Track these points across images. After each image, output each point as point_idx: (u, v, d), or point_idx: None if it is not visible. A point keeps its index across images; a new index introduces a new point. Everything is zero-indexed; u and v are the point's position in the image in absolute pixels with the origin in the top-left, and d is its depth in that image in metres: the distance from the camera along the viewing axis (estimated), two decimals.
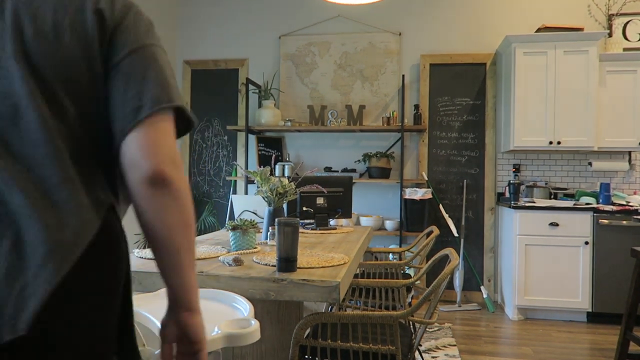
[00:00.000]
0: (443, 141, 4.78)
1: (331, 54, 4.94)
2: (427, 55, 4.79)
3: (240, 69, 5.10)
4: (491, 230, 4.67)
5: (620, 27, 4.44)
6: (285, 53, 5.01)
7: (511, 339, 3.63)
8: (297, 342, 1.72)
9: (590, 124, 4.18)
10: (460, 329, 3.86)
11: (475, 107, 4.73)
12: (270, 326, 1.99)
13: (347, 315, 1.73)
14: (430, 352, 3.28)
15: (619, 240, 3.96)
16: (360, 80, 4.90)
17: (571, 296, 4.02)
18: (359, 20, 4.90)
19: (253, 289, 1.58)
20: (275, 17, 5.05)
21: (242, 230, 2.05)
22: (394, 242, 4.74)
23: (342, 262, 1.83)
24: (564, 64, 4.20)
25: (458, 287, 4.49)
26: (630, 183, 4.52)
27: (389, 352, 1.72)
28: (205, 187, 5.19)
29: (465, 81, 4.75)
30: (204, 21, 5.19)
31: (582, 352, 3.37)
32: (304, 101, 4.96)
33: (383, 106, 4.86)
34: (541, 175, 4.62)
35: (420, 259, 3.07)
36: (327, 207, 3.03)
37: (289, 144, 5.06)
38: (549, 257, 4.04)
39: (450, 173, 4.76)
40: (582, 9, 4.58)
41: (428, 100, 4.79)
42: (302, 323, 1.72)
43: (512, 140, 4.26)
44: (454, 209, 4.74)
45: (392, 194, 4.85)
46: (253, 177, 2.42)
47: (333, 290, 1.53)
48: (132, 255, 1.98)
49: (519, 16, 4.67)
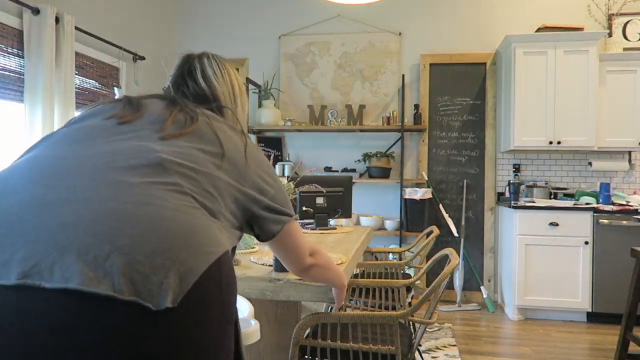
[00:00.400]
0: (443, 141, 4.78)
1: (331, 53, 4.94)
2: (427, 55, 4.79)
3: (240, 69, 5.10)
4: (491, 230, 4.67)
5: (620, 27, 4.44)
6: (285, 53, 5.00)
7: (511, 339, 3.63)
8: (297, 342, 1.72)
9: (590, 124, 4.17)
10: (460, 329, 3.86)
11: (475, 107, 4.73)
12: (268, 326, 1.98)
13: (347, 315, 1.73)
14: (430, 352, 3.28)
15: (618, 240, 3.96)
16: (360, 80, 4.90)
17: (571, 296, 4.02)
18: (359, 20, 4.89)
19: (249, 289, 1.57)
20: (275, 17, 5.05)
21: None
22: (394, 242, 4.74)
23: (340, 262, 1.83)
24: (564, 63, 4.20)
25: (458, 287, 4.49)
26: (630, 183, 4.52)
27: (389, 352, 1.72)
28: None
29: (465, 81, 4.74)
30: (204, 21, 5.19)
31: (582, 352, 3.37)
32: (304, 101, 4.96)
33: (383, 106, 4.85)
34: (541, 175, 4.61)
35: (420, 259, 3.07)
36: (326, 207, 3.02)
37: (289, 143, 5.05)
38: (549, 257, 4.04)
39: (450, 173, 4.76)
40: (582, 8, 4.57)
41: (428, 100, 4.79)
42: (302, 323, 1.72)
43: (512, 140, 4.26)
44: (454, 208, 4.74)
45: (392, 194, 4.85)
46: None
47: (329, 290, 1.53)
48: None
49: (519, 16, 4.66)
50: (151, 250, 0.72)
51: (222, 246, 0.85)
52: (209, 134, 1.04)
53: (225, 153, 1.02)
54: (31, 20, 3.15)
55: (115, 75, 4.17)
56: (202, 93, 1.23)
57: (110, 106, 1.06)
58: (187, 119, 1.04)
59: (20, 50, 3.15)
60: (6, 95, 3.08)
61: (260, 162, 1.12)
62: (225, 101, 1.26)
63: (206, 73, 1.25)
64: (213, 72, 1.26)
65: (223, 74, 1.28)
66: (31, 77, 3.14)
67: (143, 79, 4.52)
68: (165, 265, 0.72)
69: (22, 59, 3.16)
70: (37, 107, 3.15)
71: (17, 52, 3.14)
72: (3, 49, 3.04)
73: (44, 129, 3.16)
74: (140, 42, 4.51)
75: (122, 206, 0.77)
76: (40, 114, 3.15)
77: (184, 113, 1.06)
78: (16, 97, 3.14)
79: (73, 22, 3.41)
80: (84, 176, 0.81)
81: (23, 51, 3.15)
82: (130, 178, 0.83)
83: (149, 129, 0.98)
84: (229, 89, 1.27)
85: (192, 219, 0.83)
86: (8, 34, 3.07)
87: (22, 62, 3.16)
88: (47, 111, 3.18)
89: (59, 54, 3.32)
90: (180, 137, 0.99)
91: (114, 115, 1.01)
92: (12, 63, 3.11)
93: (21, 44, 3.15)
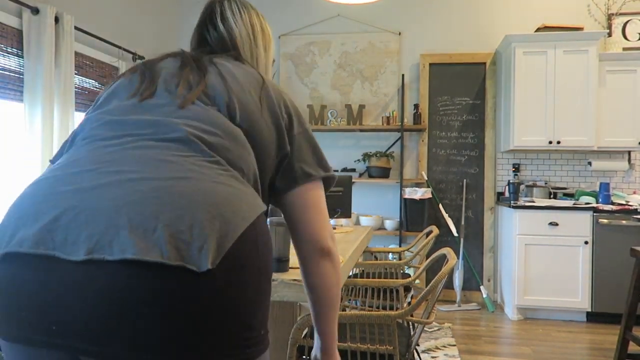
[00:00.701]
0: (443, 141, 4.78)
1: (331, 53, 4.94)
2: (427, 55, 4.79)
3: None
4: (491, 229, 4.67)
5: (620, 26, 4.43)
6: (285, 53, 5.01)
7: (511, 339, 3.63)
8: (294, 342, 1.72)
9: (589, 124, 4.17)
10: (460, 328, 3.86)
11: (475, 107, 4.73)
12: None
13: (345, 315, 1.73)
14: (430, 352, 3.28)
15: (618, 239, 3.96)
16: (360, 80, 4.90)
17: (571, 296, 4.02)
18: (359, 20, 4.89)
19: None
20: (275, 17, 5.05)
21: None
22: (394, 242, 4.74)
23: None
24: (564, 63, 4.20)
25: (458, 287, 4.49)
26: (629, 183, 4.51)
27: (387, 352, 1.72)
28: None
29: (465, 81, 4.74)
30: None
31: (581, 352, 3.37)
32: (303, 101, 4.96)
33: (383, 106, 4.85)
34: (541, 175, 4.61)
35: (419, 258, 3.07)
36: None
37: None
38: (549, 256, 4.04)
39: (450, 173, 4.76)
40: (581, 8, 4.57)
41: (428, 99, 4.79)
42: (300, 323, 1.72)
43: (511, 139, 4.25)
44: (453, 208, 4.74)
45: (391, 194, 4.85)
46: None
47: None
48: None
49: (518, 16, 4.66)
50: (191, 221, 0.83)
51: (255, 211, 0.93)
52: (219, 86, 1.07)
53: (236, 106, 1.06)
54: (31, 20, 3.15)
55: (115, 75, 4.18)
56: (222, 38, 1.25)
57: (127, 81, 1.11)
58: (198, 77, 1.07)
59: (20, 50, 3.16)
60: (6, 95, 3.08)
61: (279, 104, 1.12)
62: (243, 42, 1.26)
63: (225, 15, 1.26)
64: (232, 13, 1.27)
65: (242, 14, 1.28)
66: (31, 77, 3.15)
67: None
68: (204, 233, 0.82)
69: (21, 59, 3.17)
70: (36, 106, 3.15)
71: (17, 51, 3.14)
72: (2, 48, 3.04)
73: (43, 129, 3.16)
74: (139, 41, 4.51)
75: (163, 183, 0.87)
76: (40, 114, 3.15)
77: (195, 71, 1.09)
78: (16, 97, 3.14)
79: (72, 21, 3.41)
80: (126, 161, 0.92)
81: (22, 51, 3.16)
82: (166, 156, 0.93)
83: (167, 100, 1.04)
84: (247, 30, 1.27)
85: (226, 187, 0.92)
86: (7, 34, 3.08)
87: (21, 61, 3.17)
88: (47, 111, 3.19)
89: (59, 54, 3.32)
90: (196, 100, 1.04)
91: (134, 93, 1.07)
92: (11, 63, 3.11)
93: (21, 43, 3.16)
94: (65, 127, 3.37)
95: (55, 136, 3.29)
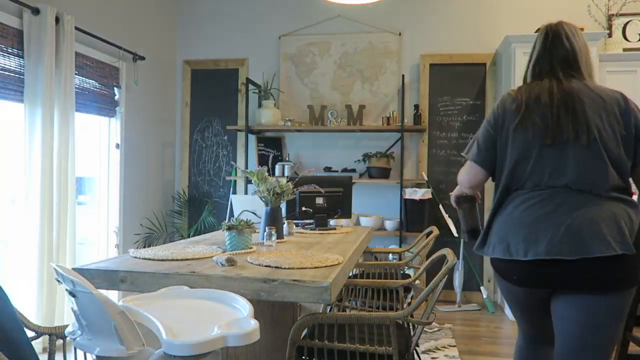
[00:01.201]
0: (443, 141, 4.78)
1: (331, 54, 4.94)
2: (427, 55, 4.79)
3: (240, 69, 5.11)
4: None
5: (620, 27, 4.43)
6: (285, 53, 5.01)
7: (511, 339, 3.62)
8: (294, 343, 1.72)
9: None
10: (460, 329, 3.86)
11: (475, 107, 4.73)
12: (264, 327, 1.98)
13: (344, 316, 1.73)
14: (430, 353, 3.27)
15: None
16: (360, 80, 4.90)
17: None
18: (359, 20, 4.89)
19: (244, 289, 1.57)
20: (275, 17, 5.05)
21: (237, 230, 2.05)
22: (394, 242, 4.74)
23: (336, 262, 1.83)
24: None
25: (458, 287, 4.49)
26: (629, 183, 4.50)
27: (386, 352, 1.72)
28: (205, 187, 5.20)
29: (465, 81, 4.74)
30: (204, 21, 5.19)
31: None
32: (303, 101, 4.96)
33: (383, 106, 4.85)
34: None
35: (420, 259, 3.07)
36: (326, 207, 3.02)
37: (288, 144, 5.06)
38: None
39: (450, 173, 4.76)
40: (582, 9, 4.57)
41: (428, 100, 4.79)
42: (299, 323, 1.72)
43: None
44: (453, 209, 4.71)
45: (392, 194, 4.85)
46: (250, 176, 2.42)
47: (324, 291, 1.52)
48: (127, 255, 1.96)
49: (518, 16, 4.66)
50: (606, 229, 1.53)
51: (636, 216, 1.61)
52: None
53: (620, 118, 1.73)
54: (31, 20, 3.16)
55: (115, 75, 4.18)
56: (566, 55, 1.78)
57: (538, 120, 1.71)
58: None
59: (20, 50, 3.16)
60: (6, 96, 3.08)
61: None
62: (581, 58, 1.79)
63: (568, 36, 1.79)
64: (572, 34, 1.81)
65: (576, 34, 1.82)
66: (31, 77, 3.15)
67: (143, 79, 4.53)
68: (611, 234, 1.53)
69: (22, 59, 3.17)
70: (37, 107, 3.15)
71: (17, 52, 3.15)
72: (3, 49, 3.04)
73: (43, 129, 3.16)
74: (140, 42, 4.51)
75: (591, 213, 1.56)
76: (40, 114, 3.15)
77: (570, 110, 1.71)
78: (16, 97, 3.14)
79: (73, 22, 3.42)
80: (567, 196, 1.62)
81: (23, 51, 3.16)
82: (592, 196, 1.60)
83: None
84: (581, 48, 1.81)
85: (616, 209, 1.57)
86: (8, 34, 3.08)
87: (22, 62, 3.17)
88: (47, 111, 3.19)
89: (59, 54, 3.32)
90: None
91: (547, 136, 1.66)
92: (12, 63, 3.11)
93: (21, 44, 3.16)
94: (65, 128, 3.37)
95: (55, 137, 3.28)
